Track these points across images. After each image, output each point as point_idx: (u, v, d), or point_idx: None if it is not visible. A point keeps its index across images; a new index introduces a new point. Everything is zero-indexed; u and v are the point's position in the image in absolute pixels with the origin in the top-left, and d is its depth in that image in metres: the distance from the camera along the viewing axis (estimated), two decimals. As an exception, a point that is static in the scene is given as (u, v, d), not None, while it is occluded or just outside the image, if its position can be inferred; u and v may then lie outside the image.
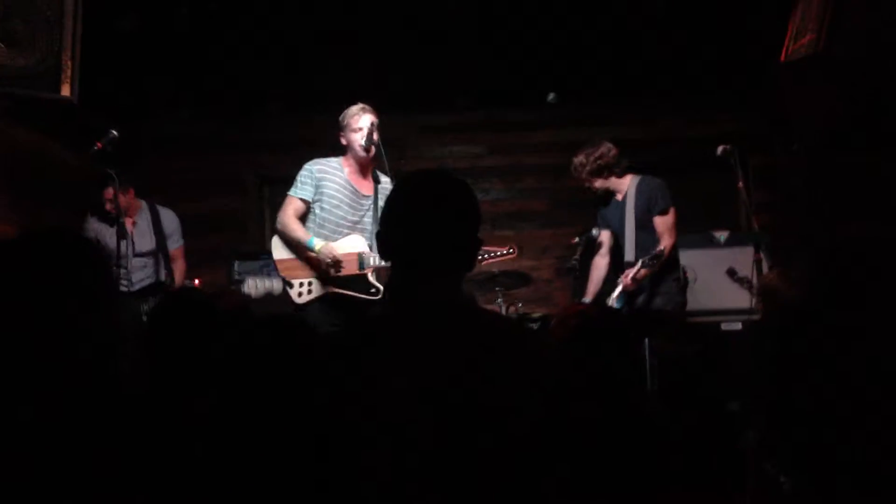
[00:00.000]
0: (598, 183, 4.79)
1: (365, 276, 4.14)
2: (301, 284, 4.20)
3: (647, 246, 4.64)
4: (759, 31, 4.87)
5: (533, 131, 7.01)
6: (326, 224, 4.23)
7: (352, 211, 4.26)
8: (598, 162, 4.75)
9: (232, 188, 6.96)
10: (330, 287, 4.16)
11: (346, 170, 4.31)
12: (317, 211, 4.25)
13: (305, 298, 4.18)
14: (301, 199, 4.26)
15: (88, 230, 5.06)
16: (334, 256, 4.09)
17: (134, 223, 5.19)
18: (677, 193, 4.88)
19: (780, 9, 4.36)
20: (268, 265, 5.95)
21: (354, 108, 4.26)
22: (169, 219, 5.30)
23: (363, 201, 4.29)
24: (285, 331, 1.89)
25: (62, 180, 5.59)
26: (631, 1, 5.33)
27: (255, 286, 5.04)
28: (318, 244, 4.13)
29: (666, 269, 4.68)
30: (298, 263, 4.24)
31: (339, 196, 4.26)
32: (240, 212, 7.01)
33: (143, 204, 5.25)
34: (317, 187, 4.24)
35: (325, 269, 4.12)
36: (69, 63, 3.60)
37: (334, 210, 4.24)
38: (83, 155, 4.43)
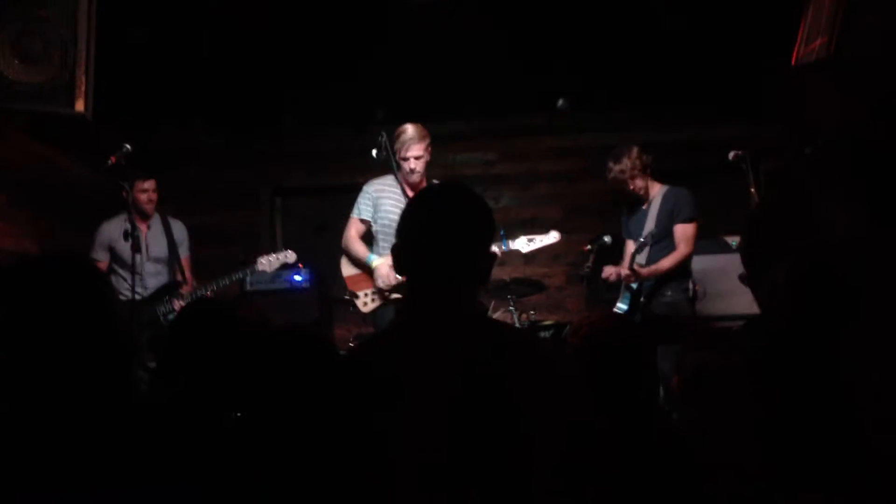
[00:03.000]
0: (640, 182, 4.79)
1: None
2: (366, 295, 4.55)
3: (657, 257, 4.63)
4: (768, 34, 4.85)
5: (543, 137, 7.01)
6: (388, 238, 4.47)
7: None
8: (644, 158, 4.74)
9: (245, 200, 6.98)
10: (388, 294, 4.50)
11: (402, 184, 4.52)
12: (378, 228, 4.55)
13: (370, 307, 4.54)
14: (361, 220, 4.59)
15: (103, 234, 5.11)
16: (385, 275, 4.41)
17: (148, 227, 5.23)
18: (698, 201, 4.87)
19: (790, 12, 4.36)
20: (279, 276, 5.97)
21: (406, 135, 4.45)
22: (179, 228, 5.38)
23: None
24: (304, 344, 1.90)
25: (78, 194, 5.65)
26: (641, 7, 5.31)
27: (268, 263, 5.09)
28: (374, 261, 4.48)
29: (674, 279, 4.66)
30: (363, 276, 4.59)
31: (397, 211, 4.45)
32: (253, 223, 7.03)
33: (155, 213, 5.30)
34: (375, 206, 4.53)
35: (381, 287, 4.47)
36: (83, 79, 3.64)
37: (392, 225, 4.43)
38: (98, 169, 4.48)
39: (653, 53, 5.82)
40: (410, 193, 4.49)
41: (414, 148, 4.37)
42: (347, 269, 4.65)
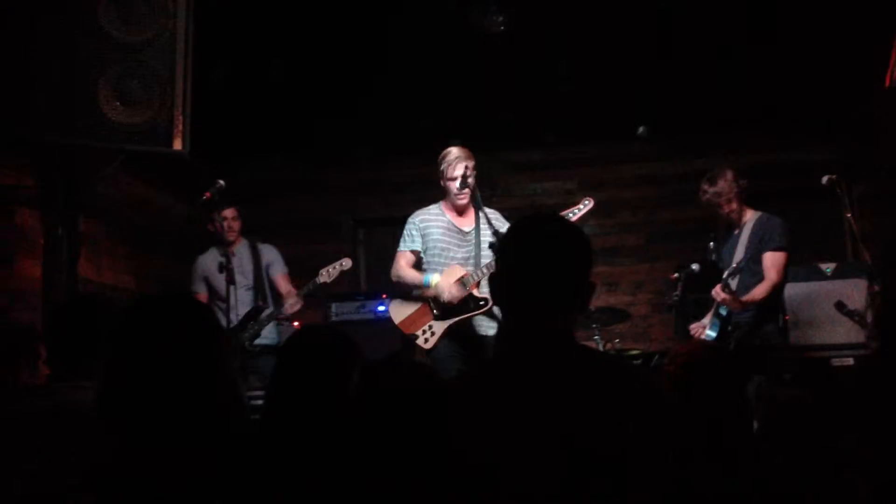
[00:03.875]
0: (734, 206, 4.66)
1: (471, 293, 4.32)
2: (423, 332, 4.40)
3: (749, 283, 4.52)
4: (860, 56, 4.73)
5: (624, 165, 6.96)
6: (439, 268, 4.41)
7: (459, 249, 4.45)
8: (740, 182, 4.64)
9: (327, 231, 7.11)
10: (447, 321, 4.36)
11: (448, 213, 4.50)
12: (428, 258, 4.46)
13: (432, 342, 4.36)
14: (411, 252, 4.50)
15: (199, 268, 5.26)
16: (449, 287, 4.29)
17: (233, 254, 5.27)
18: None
19: (883, 33, 4.25)
20: (363, 306, 6.05)
21: (451, 156, 4.41)
22: (267, 250, 5.43)
23: (467, 237, 4.47)
24: (407, 375, 1.92)
25: (173, 229, 5.84)
26: (724, 29, 5.25)
27: (327, 274, 5.13)
28: (433, 279, 4.36)
29: (767, 311, 4.53)
30: (415, 315, 4.46)
31: (446, 239, 4.44)
32: (335, 254, 7.13)
33: (244, 240, 5.38)
34: (423, 236, 4.46)
35: (446, 301, 4.31)
36: (180, 118, 3.78)
37: (443, 253, 4.42)
38: (194, 204, 4.64)
39: (734, 76, 5.74)
40: (457, 219, 4.46)
41: (459, 167, 4.34)
42: (398, 314, 4.51)
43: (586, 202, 4.40)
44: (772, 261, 4.51)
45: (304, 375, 2.08)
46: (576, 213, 4.34)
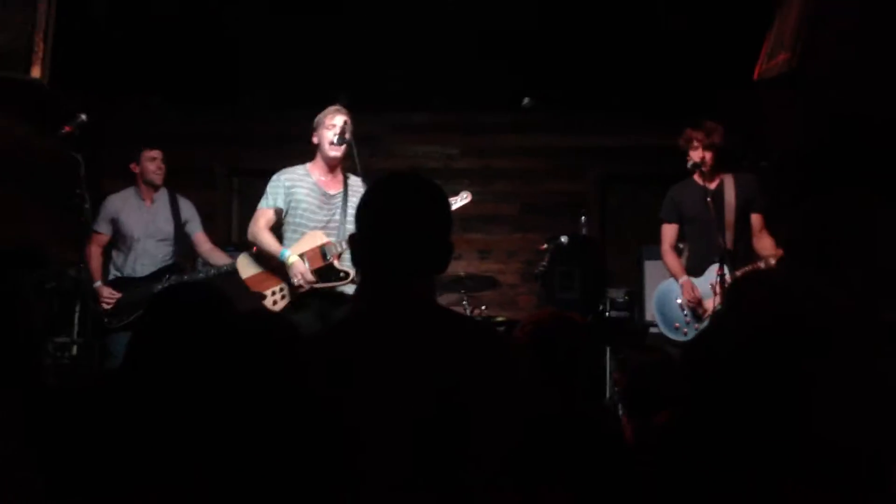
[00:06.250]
0: (708, 156, 4.45)
1: (331, 264, 4.24)
2: (273, 293, 4.30)
3: (746, 237, 4.46)
4: (729, 47, 4.92)
5: (507, 135, 7.03)
6: (300, 229, 4.32)
7: (322, 212, 4.35)
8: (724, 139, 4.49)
9: (202, 179, 6.87)
10: (301, 291, 4.24)
11: (314, 174, 4.39)
12: (289, 219, 4.34)
13: (280, 305, 4.26)
14: (274, 210, 4.35)
15: (109, 207, 4.98)
16: (303, 272, 4.19)
17: (152, 201, 5.07)
18: (655, 206, 4.89)
19: (755, 25, 4.42)
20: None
21: (330, 108, 4.33)
22: (186, 206, 5.20)
23: (332, 201, 4.37)
24: (266, 328, 1.88)
25: (29, 162, 5.50)
26: (608, 9, 5.35)
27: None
28: (290, 257, 4.23)
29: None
30: (265, 275, 4.35)
31: (309, 200, 4.33)
32: (208, 203, 6.92)
33: (163, 189, 5.14)
34: (287, 195, 4.33)
35: (297, 286, 4.21)
36: (41, 44, 3.55)
37: (306, 214, 4.32)
38: (51, 138, 4.37)
39: (617, 58, 5.87)
40: (322, 181, 4.36)
41: (337, 118, 4.24)
42: (246, 270, 4.39)
43: (464, 195, 4.41)
44: (761, 222, 4.49)
45: (170, 330, 1.99)
46: (452, 204, 4.31)
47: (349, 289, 4.24)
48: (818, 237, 1.81)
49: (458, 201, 4.37)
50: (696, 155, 4.45)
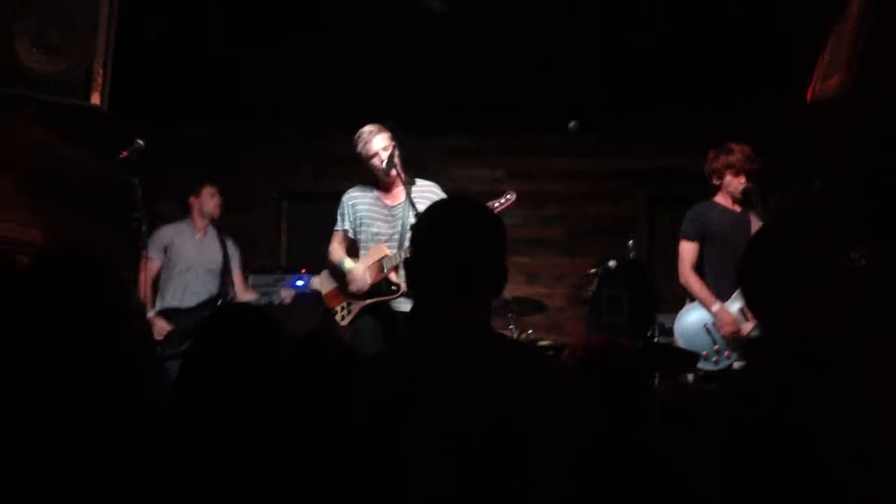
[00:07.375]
0: (737, 182, 4.42)
1: (386, 277, 4.34)
2: (342, 308, 4.46)
3: None
4: (785, 65, 4.86)
5: (554, 158, 7.02)
6: (366, 244, 4.44)
7: (387, 225, 4.43)
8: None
9: (251, 202, 6.96)
10: (362, 302, 4.40)
11: (375, 190, 4.48)
12: (360, 235, 4.48)
13: (347, 320, 4.44)
14: (342, 231, 4.52)
15: (163, 236, 5.12)
16: (359, 278, 4.33)
17: (205, 234, 5.25)
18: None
19: (810, 44, 4.36)
20: (281, 280, 5.96)
21: (365, 134, 4.35)
22: (231, 243, 5.42)
23: (393, 211, 4.44)
24: (317, 353, 1.89)
25: (86, 186, 5.63)
26: (655, 30, 5.33)
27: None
28: (347, 265, 4.40)
29: None
30: (336, 291, 4.53)
31: (372, 215, 4.43)
32: (258, 226, 7.01)
33: (210, 224, 5.34)
34: (352, 215, 4.47)
35: (353, 291, 4.38)
36: (100, 71, 3.64)
37: (370, 230, 4.42)
38: (109, 163, 4.48)
39: (665, 76, 5.84)
40: (383, 194, 4.44)
41: (375, 141, 4.29)
42: (324, 287, 4.61)
43: (508, 195, 4.40)
44: None
45: (222, 352, 2.01)
46: (497, 205, 4.33)
47: (407, 306, 4.28)
48: None
49: (503, 201, 4.36)
50: (741, 180, 4.42)
